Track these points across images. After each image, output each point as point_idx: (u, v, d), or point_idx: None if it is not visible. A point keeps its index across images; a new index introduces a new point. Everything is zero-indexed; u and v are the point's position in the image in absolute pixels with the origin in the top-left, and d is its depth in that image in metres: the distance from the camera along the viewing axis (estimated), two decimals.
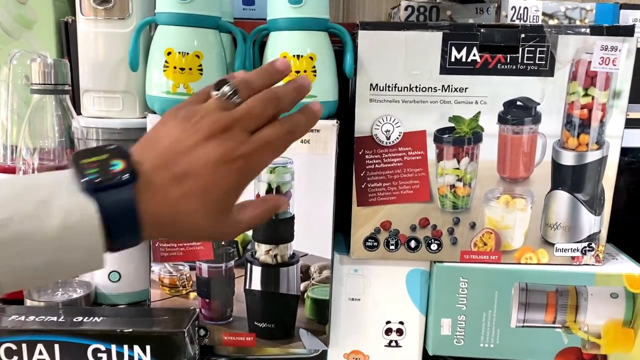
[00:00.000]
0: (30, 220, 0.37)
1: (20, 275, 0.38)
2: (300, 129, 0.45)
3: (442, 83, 0.66)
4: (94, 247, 0.38)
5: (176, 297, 0.72)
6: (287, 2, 0.65)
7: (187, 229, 0.42)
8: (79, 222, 0.37)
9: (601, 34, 0.65)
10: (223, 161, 0.41)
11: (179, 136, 0.41)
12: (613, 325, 0.72)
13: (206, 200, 0.41)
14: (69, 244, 0.38)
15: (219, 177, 0.41)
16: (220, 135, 0.41)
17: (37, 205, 0.37)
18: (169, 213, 0.41)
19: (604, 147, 0.69)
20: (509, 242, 0.71)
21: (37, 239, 0.37)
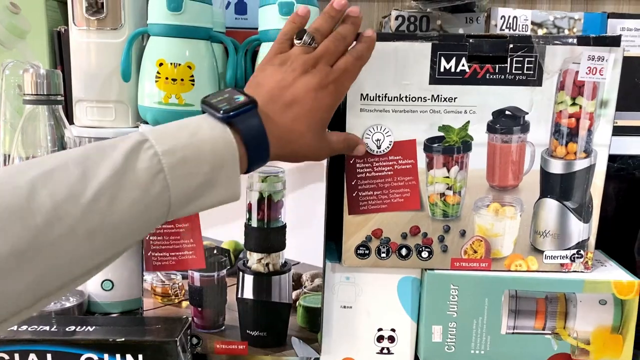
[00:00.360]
0: (188, 148, 0.44)
1: (185, 196, 0.45)
2: (366, 54, 0.57)
3: (431, 93, 0.66)
4: (235, 167, 0.47)
5: (169, 305, 0.71)
6: (278, 13, 0.65)
7: (300, 145, 0.53)
8: (223, 146, 0.46)
9: (588, 44, 0.66)
10: (320, 87, 0.52)
11: (280, 77, 0.52)
12: (602, 331, 0.72)
13: (312, 120, 0.52)
14: (218, 164, 0.46)
15: (319, 99, 0.52)
16: (311, 70, 0.53)
17: (189, 137, 0.45)
18: (286, 132, 0.51)
19: (592, 156, 0.69)
20: (498, 249, 0.71)
21: (196, 162, 0.44)
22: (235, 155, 0.47)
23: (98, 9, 0.72)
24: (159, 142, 0.43)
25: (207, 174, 0.45)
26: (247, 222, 0.70)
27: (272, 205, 0.69)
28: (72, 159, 0.41)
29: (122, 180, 0.41)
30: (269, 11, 0.66)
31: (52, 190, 0.39)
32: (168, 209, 0.44)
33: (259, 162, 0.50)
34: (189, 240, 0.70)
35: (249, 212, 0.70)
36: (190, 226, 0.70)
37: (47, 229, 0.38)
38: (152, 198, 0.42)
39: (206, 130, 0.46)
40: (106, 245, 0.41)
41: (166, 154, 0.43)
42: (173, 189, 0.43)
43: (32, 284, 0.38)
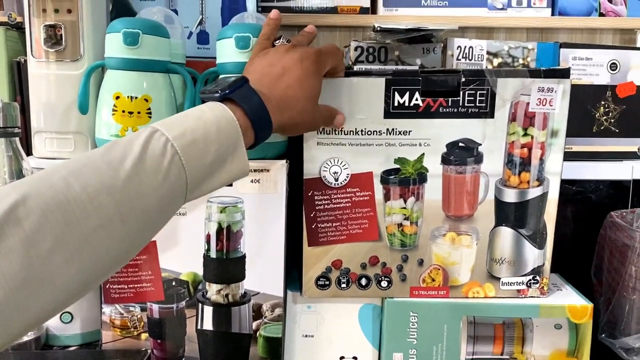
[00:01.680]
0: (197, 130, 0.48)
1: (199, 174, 0.48)
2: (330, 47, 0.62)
3: (386, 126, 0.65)
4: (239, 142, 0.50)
5: (128, 338, 0.69)
6: (235, 47, 0.64)
7: (298, 112, 0.57)
8: (226, 124, 0.50)
9: (538, 77, 0.66)
10: (303, 57, 0.57)
11: (268, 59, 0.58)
12: (558, 355, 0.72)
13: (303, 85, 0.56)
14: (224, 142, 0.49)
15: (305, 67, 0.57)
16: (293, 48, 0.59)
17: (195, 121, 0.49)
18: (283, 100, 0.55)
19: (544, 184, 0.69)
20: (456, 277, 0.71)
21: (205, 142, 0.48)
22: (238, 130, 0.50)
23: (57, 40, 0.70)
24: (168, 130, 0.47)
25: (216, 151, 0.49)
26: (205, 253, 0.68)
27: (231, 236, 0.68)
28: (97, 156, 0.45)
29: (144, 167, 0.44)
30: (227, 45, 0.65)
31: (84, 184, 0.42)
32: (186, 188, 0.48)
33: (263, 131, 0.54)
34: (147, 272, 0.68)
35: (208, 242, 0.68)
36: (149, 258, 0.68)
37: (85, 221, 0.41)
38: (173, 180, 0.46)
39: (208, 113, 0.50)
40: (140, 227, 0.45)
41: (177, 138, 0.47)
42: (188, 169, 0.47)
43: (78, 274, 0.41)
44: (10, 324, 0.38)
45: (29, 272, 0.38)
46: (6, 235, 0.37)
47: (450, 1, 0.92)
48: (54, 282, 0.39)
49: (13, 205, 0.38)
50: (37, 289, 0.38)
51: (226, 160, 0.50)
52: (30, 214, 0.39)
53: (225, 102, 0.52)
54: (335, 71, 0.63)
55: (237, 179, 0.52)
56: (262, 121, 0.53)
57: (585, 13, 0.96)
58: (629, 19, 0.96)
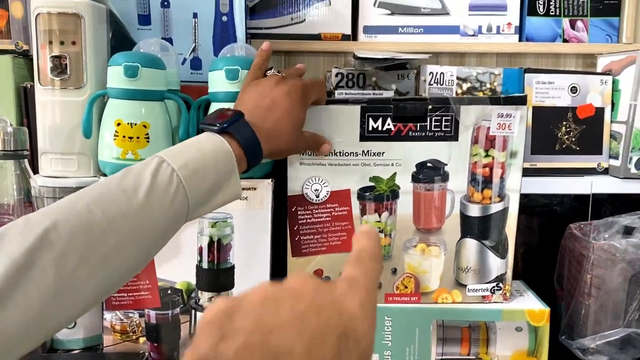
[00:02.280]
0: (198, 160, 0.54)
1: (199, 200, 0.54)
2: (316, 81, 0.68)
3: (362, 149, 0.72)
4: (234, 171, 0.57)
5: (127, 342, 0.75)
6: (225, 78, 0.71)
7: (285, 141, 0.62)
8: (223, 155, 0.56)
9: (498, 104, 0.72)
10: (292, 91, 0.62)
11: (260, 90, 0.63)
12: (519, 355, 0.78)
13: (291, 117, 0.62)
14: (221, 171, 0.56)
15: (292, 100, 0.62)
16: (283, 81, 0.63)
17: (196, 152, 0.55)
18: (272, 131, 0.60)
19: (505, 200, 0.76)
20: (427, 284, 0.77)
21: (204, 170, 0.54)
22: (233, 161, 0.57)
23: (62, 69, 0.76)
24: (174, 160, 0.54)
25: (214, 180, 0.55)
26: (198, 264, 0.74)
27: (222, 248, 0.74)
28: (114, 185, 0.51)
29: (154, 195, 0.51)
30: (217, 76, 0.71)
31: (104, 210, 0.49)
32: (187, 212, 0.54)
33: (255, 159, 0.60)
34: (145, 281, 0.74)
35: (200, 254, 0.74)
36: (146, 269, 0.73)
37: (105, 241, 0.48)
38: (177, 205, 0.53)
39: (208, 145, 0.56)
40: (148, 247, 0.51)
41: (181, 168, 0.53)
42: (190, 195, 0.54)
43: (94, 290, 0.47)
44: (42, 329, 0.44)
45: (59, 285, 0.45)
46: (41, 256, 0.45)
47: (425, 29, 0.98)
48: (78, 293, 0.46)
49: (45, 230, 0.46)
50: (66, 299, 0.45)
51: (222, 187, 0.56)
52: (60, 238, 0.46)
53: (223, 134, 0.58)
54: (318, 101, 0.69)
55: (230, 202, 0.59)
56: (254, 151, 0.59)
57: (550, 39, 1.03)
58: (590, 44, 1.02)
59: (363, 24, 0.97)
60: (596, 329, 0.82)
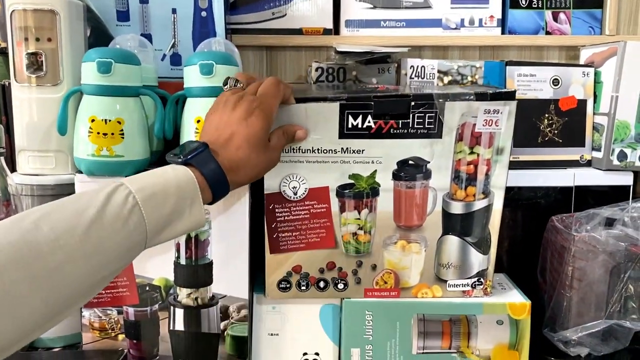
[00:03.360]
0: (157, 185, 0.52)
1: (158, 224, 0.51)
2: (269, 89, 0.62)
3: (341, 146, 0.67)
4: (197, 197, 0.54)
5: (106, 339, 0.72)
6: (199, 73, 0.67)
7: (251, 167, 0.59)
8: (185, 181, 0.53)
9: (485, 100, 0.66)
10: (247, 115, 0.58)
11: (218, 119, 0.60)
12: (500, 348, 0.75)
13: (251, 144, 0.58)
14: (182, 196, 0.53)
15: (250, 125, 0.58)
16: (239, 103, 0.59)
17: (157, 177, 0.53)
18: (235, 161, 0.57)
19: (489, 197, 0.71)
20: (406, 280, 0.73)
21: (164, 195, 0.51)
22: (196, 187, 0.54)
23: (38, 66, 0.72)
24: (132, 184, 0.51)
25: (174, 205, 0.52)
26: (176, 260, 0.71)
27: (199, 244, 0.70)
28: (67, 202, 0.48)
29: (106, 215, 0.48)
30: (192, 71, 0.68)
31: (52, 226, 0.45)
32: (146, 235, 0.51)
33: (221, 190, 0.57)
34: (123, 278, 0.70)
35: (178, 251, 0.71)
36: None
37: (52, 256, 0.44)
38: (132, 227, 0.49)
39: (170, 172, 0.54)
40: (100, 267, 0.48)
41: (139, 191, 0.50)
42: (147, 219, 0.50)
43: (42, 305, 0.44)
44: None
45: None
46: None
47: (407, 22, 0.95)
48: (20, 307, 0.42)
49: None
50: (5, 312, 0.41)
51: (184, 213, 0.53)
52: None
53: (188, 165, 0.55)
54: (284, 99, 0.64)
55: (194, 229, 0.55)
56: (218, 182, 0.56)
57: (533, 32, 0.99)
58: (573, 37, 0.99)
59: (345, 17, 0.93)
60: (578, 321, 0.79)
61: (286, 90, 0.63)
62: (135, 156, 0.68)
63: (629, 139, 0.88)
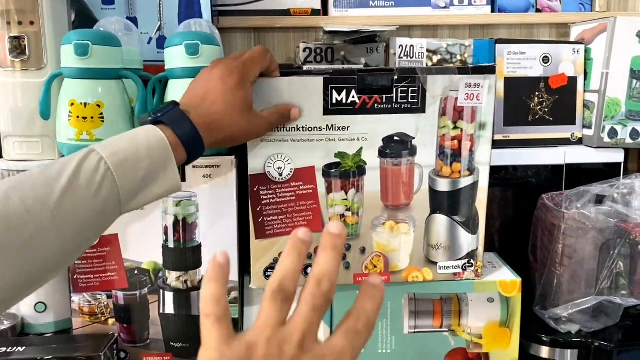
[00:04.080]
0: (129, 149, 0.49)
1: (132, 189, 0.49)
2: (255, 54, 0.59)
3: (326, 123, 0.64)
4: (170, 159, 0.50)
5: (96, 324, 0.69)
6: (185, 54, 0.64)
7: (229, 125, 0.55)
8: (156, 142, 0.50)
9: (466, 73, 0.65)
10: (226, 73, 0.55)
11: (195, 82, 0.57)
12: (491, 326, 0.72)
13: (228, 100, 0.54)
14: (156, 159, 0.50)
15: (227, 82, 0.55)
16: (218, 64, 0.56)
17: (128, 141, 0.50)
18: (211, 118, 0.54)
19: (475, 173, 0.68)
20: (396, 263, 0.70)
21: (136, 159, 0.49)
22: (168, 149, 0.50)
23: (22, 50, 0.69)
24: (103, 150, 0.48)
25: (147, 168, 0.49)
26: (164, 244, 0.68)
27: (187, 227, 0.68)
28: (37, 172, 0.46)
29: (78, 183, 0.46)
30: (176, 52, 0.64)
31: (22, 197, 0.43)
32: (119, 201, 0.48)
33: (195, 149, 0.53)
34: (112, 262, 0.68)
35: (166, 234, 0.68)
36: (112, 249, 0.68)
37: (22, 228, 0.42)
38: (105, 194, 0.47)
39: (141, 134, 0.51)
40: (74, 235, 0.46)
41: (110, 156, 0.48)
42: (120, 184, 0.48)
43: (13, 277, 0.42)
44: None
45: None
46: None
47: (396, 1, 0.91)
48: None
49: None
50: None
51: (158, 177, 0.51)
52: None
53: (158, 125, 0.52)
54: (269, 71, 0.61)
55: (170, 193, 0.53)
56: (191, 139, 0.53)
57: (523, 9, 0.95)
58: (563, 14, 0.95)
59: None
60: (568, 298, 0.76)
61: (272, 62, 0.60)
62: None
63: (620, 116, 0.84)
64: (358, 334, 0.37)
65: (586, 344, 0.76)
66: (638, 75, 0.83)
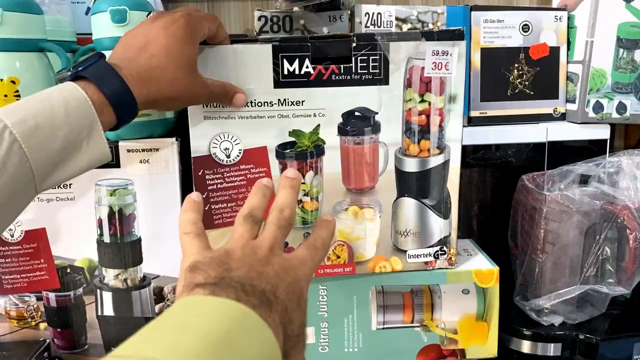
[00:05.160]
0: (42, 114, 0.42)
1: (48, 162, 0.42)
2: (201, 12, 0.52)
3: (277, 97, 0.57)
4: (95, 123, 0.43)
5: (26, 329, 0.62)
6: (110, 21, 0.56)
7: (166, 82, 0.47)
8: (77, 105, 0.42)
9: (432, 39, 0.58)
10: (169, 23, 0.48)
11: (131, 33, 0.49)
12: (467, 320, 0.66)
13: (170, 52, 0.47)
14: (76, 126, 0.42)
15: (171, 34, 0.47)
16: (163, 15, 0.49)
17: (40, 103, 0.42)
18: (146, 71, 0.46)
19: (445, 152, 0.62)
20: (361, 252, 0.63)
21: (51, 126, 0.41)
22: (92, 110, 0.43)
23: None
24: (8, 116, 0.41)
25: (66, 137, 0.42)
26: (99, 238, 0.60)
27: (124, 219, 0.60)
28: None
29: None
30: (101, 19, 0.56)
31: None
32: (33, 177, 0.42)
33: (126, 109, 0.46)
34: (39, 260, 0.60)
35: (100, 227, 0.60)
36: (39, 246, 0.60)
37: None
38: (12, 169, 0.40)
39: (57, 94, 0.43)
40: None
41: (17, 124, 0.41)
42: (32, 156, 0.41)
43: None
44: None
45: None
46: None
47: None
48: None
49: None
50: None
51: (80, 145, 0.43)
52: None
53: (78, 82, 0.44)
54: (217, 38, 0.53)
55: (97, 165, 0.45)
56: (120, 98, 0.45)
57: None
58: None
59: None
60: (551, 287, 0.71)
61: (222, 30, 0.53)
62: None
63: (605, 88, 0.78)
64: (316, 250, 0.45)
65: (570, 336, 0.70)
66: (625, 44, 0.77)
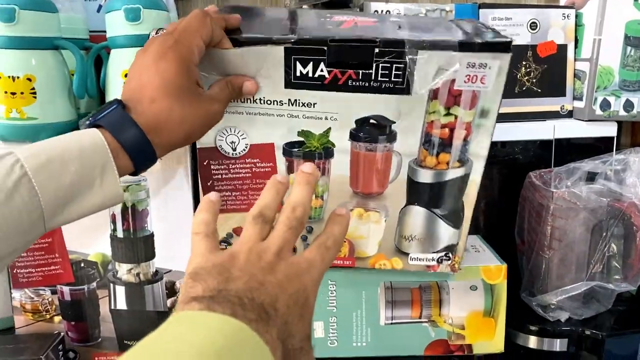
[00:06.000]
0: (53, 149, 0.42)
1: (57, 197, 0.41)
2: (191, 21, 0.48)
3: (288, 97, 0.55)
4: (109, 164, 0.43)
5: (41, 322, 0.63)
6: (124, 19, 0.57)
7: (177, 123, 0.46)
8: (91, 143, 0.42)
9: (471, 50, 0.50)
10: (158, 57, 0.45)
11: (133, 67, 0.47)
12: (475, 316, 0.67)
13: (167, 93, 0.45)
14: (88, 163, 0.42)
15: (162, 70, 0.45)
16: (152, 45, 0.46)
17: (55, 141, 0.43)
18: (153, 117, 0.45)
19: (466, 165, 0.58)
20: (363, 250, 0.63)
21: (62, 160, 0.41)
22: (106, 151, 0.43)
23: None
24: (22, 152, 0.41)
25: (77, 173, 0.42)
26: (112, 233, 0.62)
27: (137, 215, 0.61)
28: None
29: None
30: (116, 17, 0.57)
31: None
32: (42, 212, 0.41)
33: (143, 156, 0.45)
34: (54, 254, 0.62)
35: (114, 223, 0.61)
36: (54, 240, 0.61)
37: None
38: (20, 201, 0.40)
39: (75, 135, 0.43)
40: None
41: (29, 158, 0.41)
42: (42, 191, 0.41)
43: None
44: None
45: None
46: None
47: None
48: None
49: None
50: None
51: (93, 184, 0.42)
52: None
53: (98, 128, 0.44)
54: (215, 41, 0.50)
55: (110, 206, 0.44)
56: (136, 145, 0.44)
57: None
58: None
59: None
60: (557, 283, 0.71)
61: (215, 28, 0.48)
62: (53, 118, 0.58)
63: (613, 86, 0.78)
64: (327, 249, 0.41)
65: (576, 332, 0.71)
66: (633, 42, 0.77)
